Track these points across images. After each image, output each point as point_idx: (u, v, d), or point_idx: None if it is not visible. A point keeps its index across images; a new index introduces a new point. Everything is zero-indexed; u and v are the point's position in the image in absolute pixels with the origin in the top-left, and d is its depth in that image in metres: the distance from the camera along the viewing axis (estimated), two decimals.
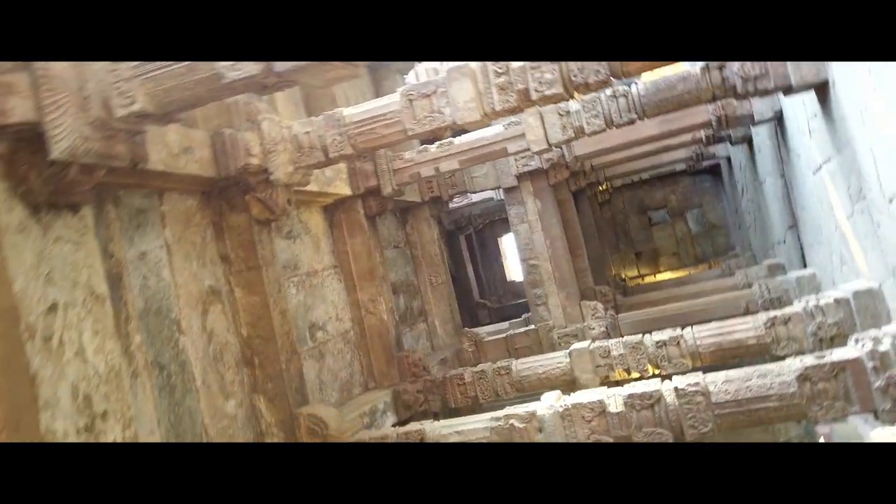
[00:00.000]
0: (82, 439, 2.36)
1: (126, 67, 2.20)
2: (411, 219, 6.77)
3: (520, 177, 6.50)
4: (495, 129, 5.06)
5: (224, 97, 2.29)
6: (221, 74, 2.12)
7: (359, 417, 4.13)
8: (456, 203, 8.87)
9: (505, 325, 8.51)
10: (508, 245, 14.14)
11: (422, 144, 5.67)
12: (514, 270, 14.30)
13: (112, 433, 2.48)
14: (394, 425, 4.05)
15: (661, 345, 4.50)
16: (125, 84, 2.22)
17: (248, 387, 3.68)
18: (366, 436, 3.61)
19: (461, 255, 12.44)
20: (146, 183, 3.15)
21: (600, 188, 11.35)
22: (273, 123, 3.55)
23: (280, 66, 2.06)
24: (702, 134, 7.73)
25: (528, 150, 5.01)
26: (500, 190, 6.78)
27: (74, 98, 2.13)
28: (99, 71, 2.22)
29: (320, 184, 4.53)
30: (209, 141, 3.41)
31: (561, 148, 5.83)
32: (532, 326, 6.78)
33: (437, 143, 5.04)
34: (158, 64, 2.11)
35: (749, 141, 8.26)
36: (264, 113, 3.61)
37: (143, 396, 2.84)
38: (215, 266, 3.67)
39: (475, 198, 8.77)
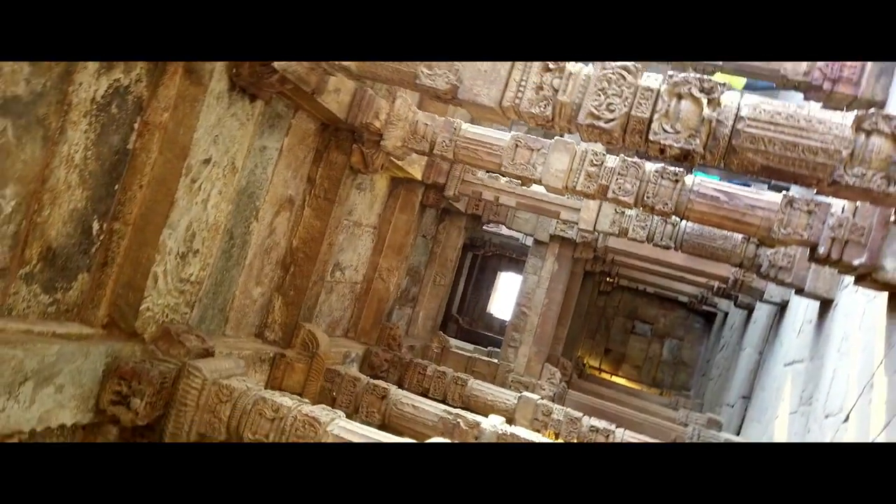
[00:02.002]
0: (175, 263, 3.00)
1: None
2: (447, 221, 7.42)
3: (553, 237, 7.18)
4: None
5: (408, 88, 2.93)
6: (417, 75, 2.77)
7: (337, 353, 4.77)
8: (487, 226, 9.53)
9: (470, 346, 9.18)
10: (504, 282, 14.79)
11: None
12: (496, 305, 14.95)
13: (193, 267, 3.12)
14: None
15: (594, 430, 5.16)
16: None
17: (274, 284, 4.32)
18: (342, 370, 4.24)
19: (461, 268, 13.09)
20: (294, 98, 3.80)
21: (608, 279, 12.04)
22: (404, 103, 4.21)
23: (462, 95, 2.73)
24: (715, 284, 8.43)
25: (576, 222, 5.70)
26: (532, 238, 7.45)
27: None
28: None
29: (404, 161, 5.17)
30: (353, 91, 4.07)
31: (599, 233, 6.50)
32: (495, 360, 7.44)
33: (506, 176, 5.70)
34: None
35: (750, 311, 8.98)
36: (401, 91, 4.27)
37: (212, 251, 3.48)
38: (301, 182, 4.32)
39: (504, 230, 9.44)
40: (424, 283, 7.37)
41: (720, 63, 5.59)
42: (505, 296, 14.64)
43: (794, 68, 5.38)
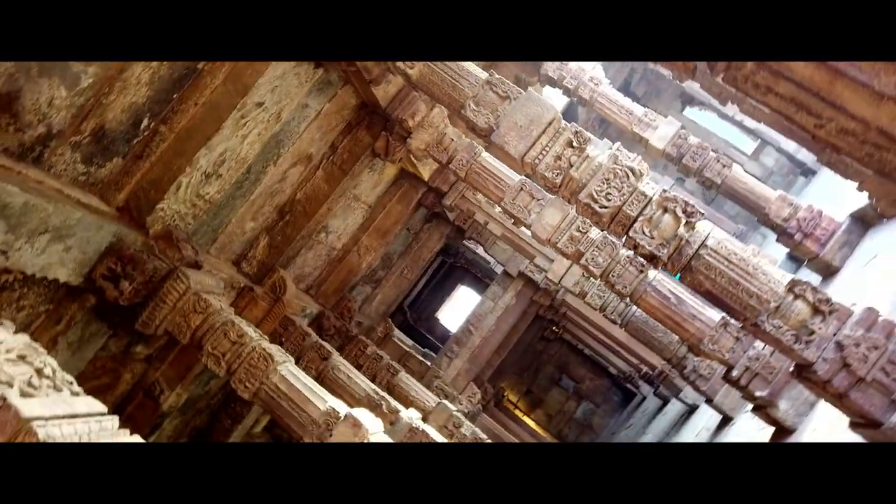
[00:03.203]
0: (199, 179, 3.33)
1: None
2: (434, 224, 7.82)
3: (521, 274, 7.65)
4: None
5: (452, 112, 3.31)
6: (464, 106, 3.17)
7: (297, 304, 5.11)
8: (467, 241, 9.96)
9: (410, 342, 9.58)
10: (461, 295, 15.23)
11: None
12: (445, 313, 15.37)
13: (211, 188, 3.45)
14: None
15: None
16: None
17: (267, 225, 4.65)
18: (298, 321, 4.60)
19: (428, 268, 13.48)
20: (350, 76, 4.15)
21: (554, 328, 12.59)
22: (440, 114, 4.60)
23: (495, 138, 3.13)
24: (644, 368, 9.02)
25: (546, 270, 6.15)
26: (502, 268, 7.91)
27: None
28: None
29: (420, 160, 5.55)
30: (400, 86, 4.43)
31: (561, 287, 6.99)
32: (428, 362, 7.85)
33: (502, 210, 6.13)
34: (449, 67, 3.16)
35: (665, 402, 9.60)
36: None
37: (231, 180, 3.81)
38: (324, 146, 4.66)
39: (481, 251, 9.88)
40: (392, 271, 7.74)
41: (719, 182, 6.15)
42: (456, 308, 15.08)
43: (778, 211, 5.96)
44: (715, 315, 4.39)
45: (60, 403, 1.44)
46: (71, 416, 1.43)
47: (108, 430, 1.51)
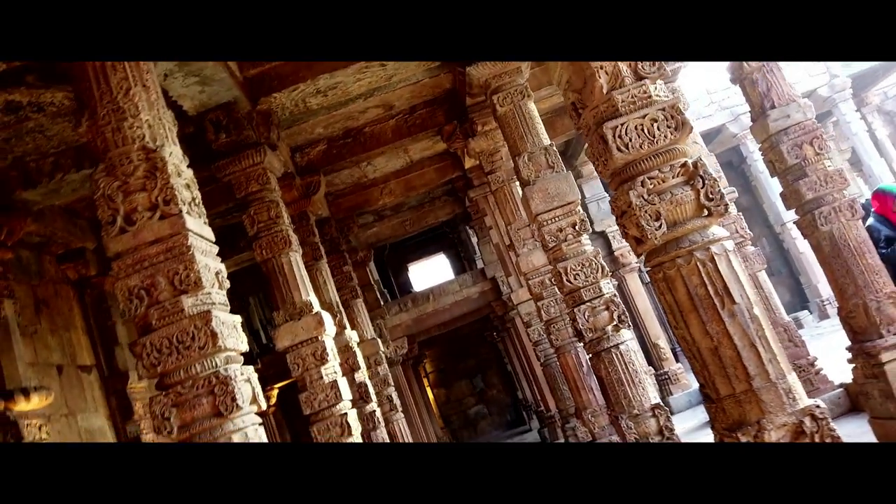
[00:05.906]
0: (311, 90, 4.18)
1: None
2: (450, 199, 8.69)
3: (493, 279, 8.60)
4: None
5: (512, 154, 4.17)
6: (521, 154, 4.04)
7: (319, 205, 6.00)
8: (468, 227, 10.87)
9: (377, 276, 10.55)
10: (435, 261, 16.17)
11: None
12: (414, 269, 16.31)
13: (316, 100, 4.31)
14: None
15: (389, 399, 6.65)
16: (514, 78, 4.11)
17: (332, 137, 5.50)
18: (310, 217, 5.50)
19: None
20: (457, 80, 4.94)
21: (494, 333, 13.67)
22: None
23: (527, 191, 4.01)
24: (542, 406, 10.10)
25: (512, 290, 7.10)
26: (482, 265, 8.84)
27: None
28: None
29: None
30: (482, 99, 5.24)
31: (516, 310, 7.98)
32: (382, 302, 8.84)
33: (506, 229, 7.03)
34: (526, 122, 4.02)
35: (543, 441, 10.74)
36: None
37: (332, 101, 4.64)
38: (405, 105, 5.49)
39: (474, 240, 10.79)
40: (398, 217, 8.64)
41: None
42: (427, 269, 16.04)
43: None
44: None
45: (200, 227, 2.31)
46: (203, 237, 2.31)
47: (212, 253, 2.40)
